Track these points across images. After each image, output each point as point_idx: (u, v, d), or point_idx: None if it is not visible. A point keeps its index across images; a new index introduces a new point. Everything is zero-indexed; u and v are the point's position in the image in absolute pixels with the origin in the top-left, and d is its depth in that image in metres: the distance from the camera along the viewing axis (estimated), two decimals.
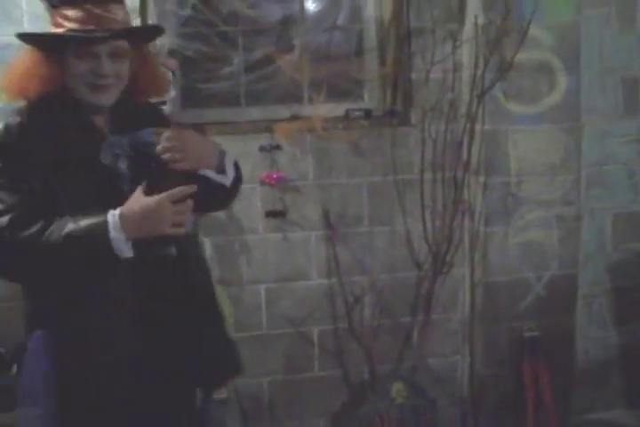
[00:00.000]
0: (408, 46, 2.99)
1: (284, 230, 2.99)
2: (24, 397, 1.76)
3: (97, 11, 1.66)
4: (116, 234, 1.57)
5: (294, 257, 3.02)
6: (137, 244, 1.61)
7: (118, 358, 1.70)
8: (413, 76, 3.00)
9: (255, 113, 3.00)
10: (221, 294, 2.63)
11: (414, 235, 3.05)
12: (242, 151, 2.92)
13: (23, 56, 1.74)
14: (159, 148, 1.67)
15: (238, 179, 1.93)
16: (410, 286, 3.08)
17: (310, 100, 3.00)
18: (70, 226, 1.58)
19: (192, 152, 1.69)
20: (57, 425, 1.71)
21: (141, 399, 1.73)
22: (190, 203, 1.62)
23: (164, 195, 1.59)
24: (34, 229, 1.58)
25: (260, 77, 2.99)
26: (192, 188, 1.61)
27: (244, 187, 2.93)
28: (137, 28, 1.93)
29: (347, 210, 3.03)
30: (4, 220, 1.59)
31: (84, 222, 1.58)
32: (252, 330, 3.02)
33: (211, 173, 1.77)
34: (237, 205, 2.95)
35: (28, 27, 2.80)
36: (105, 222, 1.57)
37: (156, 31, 1.94)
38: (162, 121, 1.90)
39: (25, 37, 1.75)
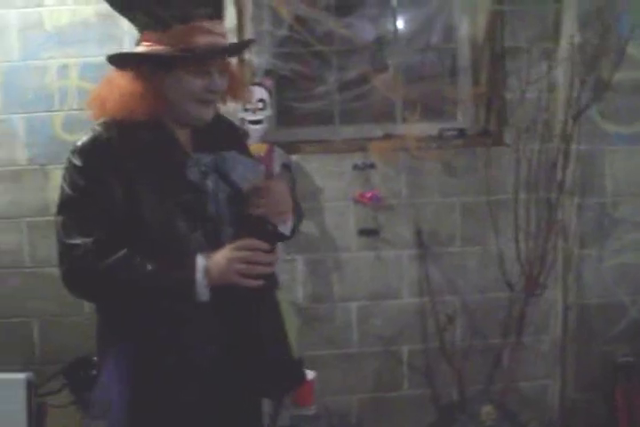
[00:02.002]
0: (502, 66, 2.99)
1: (377, 249, 3.00)
2: (95, 409, 1.74)
3: (208, 27, 1.63)
4: (200, 278, 1.57)
5: (386, 275, 3.02)
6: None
7: (193, 375, 1.68)
8: (507, 95, 2.99)
9: (349, 132, 3.03)
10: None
11: (507, 255, 3.01)
12: (336, 169, 2.97)
13: (121, 76, 1.67)
14: (247, 188, 1.69)
15: (296, 229, 1.87)
16: (501, 307, 3.04)
17: (403, 120, 3.02)
18: (158, 261, 1.58)
19: (274, 204, 1.68)
20: None
21: (212, 416, 1.72)
22: (262, 257, 1.60)
23: (233, 245, 1.60)
24: (118, 255, 1.57)
25: (353, 96, 3.02)
26: (264, 245, 1.60)
27: (339, 204, 2.99)
28: (246, 42, 1.91)
29: (439, 229, 3.02)
30: (89, 241, 1.58)
31: (170, 259, 1.59)
32: (342, 347, 3.03)
33: (284, 230, 1.75)
34: (331, 223, 2.98)
35: (129, 46, 2.89)
36: (193, 264, 1.58)
37: (250, 45, 1.98)
38: (241, 140, 1.93)
39: (140, 56, 1.68)
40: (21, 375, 2.59)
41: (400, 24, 3.07)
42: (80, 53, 2.90)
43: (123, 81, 1.66)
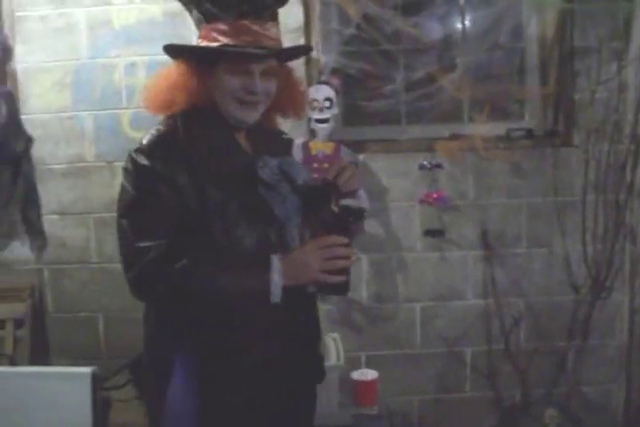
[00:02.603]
0: (571, 65, 2.94)
1: (442, 249, 2.99)
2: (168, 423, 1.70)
3: (254, 27, 1.61)
4: (276, 278, 1.54)
5: (451, 276, 3.00)
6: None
7: (260, 374, 1.67)
8: (576, 95, 2.95)
9: (415, 131, 3.00)
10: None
11: (573, 258, 2.98)
12: (402, 169, 2.95)
13: (172, 69, 1.70)
14: (332, 170, 1.67)
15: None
16: (567, 310, 3.01)
17: (471, 119, 2.99)
18: (229, 263, 1.57)
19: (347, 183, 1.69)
20: None
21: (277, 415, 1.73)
22: (342, 251, 1.58)
23: (312, 243, 1.59)
24: (191, 258, 1.54)
25: (420, 96, 2.98)
26: (342, 239, 1.59)
27: (404, 204, 2.98)
28: (294, 47, 1.86)
29: (505, 230, 2.99)
30: (162, 244, 1.53)
31: (245, 260, 1.57)
32: (405, 348, 3.02)
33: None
34: (396, 223, 2.97)
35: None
36: (268, 264, 1.55)
37: (306, 51, 1.98)
38: (288, 149, 1.89)
39: (181, 49, 1.72)
40: (87, 369, 2.60)
41: (468, 23, 3.03)
42: (147, 52, 2.91)
43: (171, 73, 1.68)
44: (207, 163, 1.61)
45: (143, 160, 1.58)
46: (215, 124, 1.67)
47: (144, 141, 1.61)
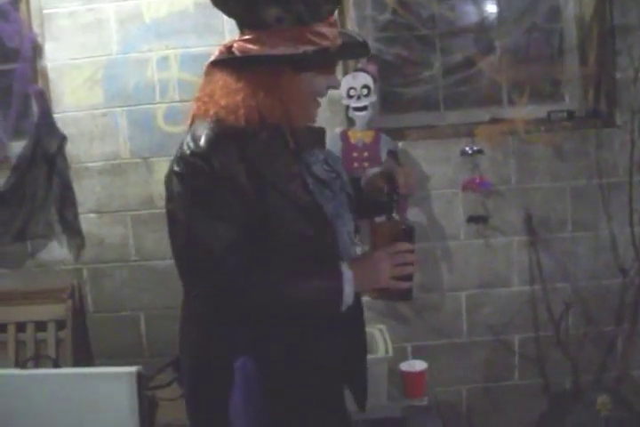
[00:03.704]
0: (612, 44, 2.87)
1: (486, 236, 2.94)
2: None
3: (334, 24, 1.56)
4: (348, 289, 1.52)
5: (496, 263, 2.96)
6: None
7: (327, 376, 1.66)
8: (617, 75, 2.88)
9: (454, 116, 2.96)
10: None
11: (620, 240, 2.93)
12: (442, 155, 2.91)
13: (275, 80, 1.54)
14: (401, 181, 1.66)
15: None
16: (615, 294, 2.96)
17: (510, 103, 2.94)
18: (298, 273, 1.52)
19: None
20: None
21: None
22: (411, 257, 1.58)
23: (381, 251, 1.57)
24: (266, 269, 1.51)
25: (458, 80, 2.94)
26: (407, 246, 1.58)
27: (446, 192, 2.93)
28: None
29: (549, 215, 2.94)
30: (231, 260, 1.48)
31: (318, 273, 1.53)
32: (452, 337, 2.99)
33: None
34: (439, 211, 2.93)
35: (229, 37, 2.83)
36: (341, 277, 1.51)
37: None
38: (323, 139, 1.81)
39: (278, 58, 1.53)
40: (132, 369, 2.57)
41: (504, 4, 2.96)
42: (179, 45, 2.88)
43: (243, 81, 1.53)
44: (263, 163, 1.53)
45: (203, 164, 1.48)
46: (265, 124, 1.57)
47: (201, 143, 1.50)
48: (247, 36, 1.54)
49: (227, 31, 2.85)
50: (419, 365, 2.76)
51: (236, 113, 1.52)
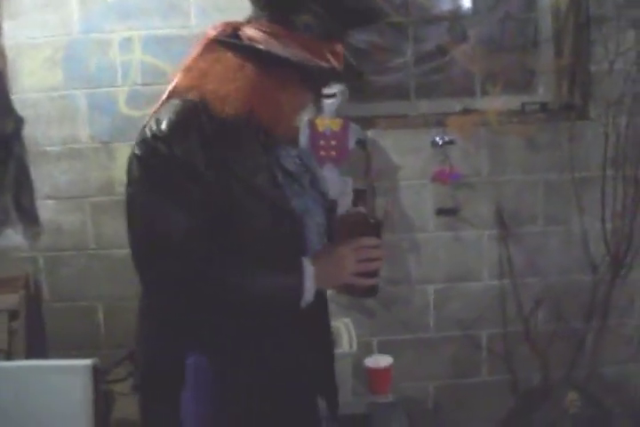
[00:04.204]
0: (587, 35, 2.82)
1: (456, 229, 2.88)
2: None
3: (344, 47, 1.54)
4: (309, 284, 1.45)
5: (465, 257, 2.91)
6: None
7: (292, 384, 1.58)
8: (592, 67, 2.83)
9: (426, 106, 2.89)
10: None
11: (591, 235, 2.88)
12: (412, 146, 2.85)
13: (241, 63, 1.48)
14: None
15: None
16: (585, 290, 2.91)
17: (483, 93, 2.88)
18: (257, 267, 1.46)
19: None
20: None
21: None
22: (377, 253, 1.52)
23: (343, 246, 1.49)
24: (219, 262, 1.44)
25: (431, 69, 2.88)
26: (373, 240, 1.51)
27: (415, 183, 2.86)
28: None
29: (521, 208, 2.89)
30: (188, 247, 1.40)
31: (277, 268, 1.47)
32: (419, 332, 2.93)
33: None
34: (407, 202, 2.86)
35: (196, 20, 2.77)
36: (301, 272, 1.45)
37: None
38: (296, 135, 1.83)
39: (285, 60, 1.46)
40: (87, 362, 2.47)
41: None
42: (143, 26, 2.77)
43: (245, 72, 1.47)
44: (227, 151, 1.46)
45: (164, 148, 1.41)
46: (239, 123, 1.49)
47: (162, 126, 1.42)
48: (264, 28, 1.47)
49: (193, 13, 2.77)
50: (384, 360, 2.68)
51: (224, 101, 1.45)
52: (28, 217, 2.86)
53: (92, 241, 2.88)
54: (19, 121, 2.79)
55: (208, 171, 1.41)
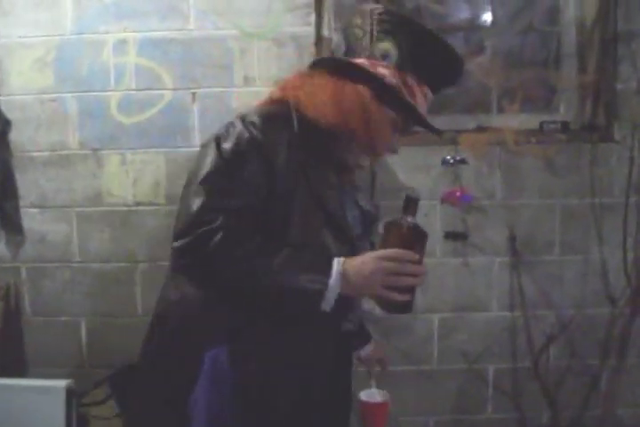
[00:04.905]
0: (614, 52, 2.66)
1: (465, 255, 2.71)
2: None
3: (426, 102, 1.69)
4: (333, 283, 1.44)
5: (474, 285, 2.73)
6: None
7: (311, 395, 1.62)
8: (618, 85, 2.66)
9: (438, 122, 2.64)
10: None
11: (611, 266, 2.69)
12: (422, 164, 2.69)
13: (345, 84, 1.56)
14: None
15: None
16: (602, 325, 2.71)
17: (500, 110, 2.72)
18: (291, 259, 1.45)
19: None
20: None
21: None
22: (414, 268, 1.46)
23: (379, 253, 1.46)
24: (256, 241, 1.45)
25: None
26: (412, 255, 1.47)
27: (423, 204, 2.67)
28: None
29: (536, 235, 2.71)
30: (225, 222, 1.44)
31: (308, 263, 1.47)
32: (421, 364, 2.75)
33: None
34: None
35: (195, 22, 2.64)
36: (329, 270, 1.45)
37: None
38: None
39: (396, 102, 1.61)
40: (61, 382, 2.34)
41: (498, 1, 2.75)
42: (139, 27, 2.64)
43: (352, 92, 1.55)
44: (308, 157, 1.52)
45: (253, 130, 1.49)
46: (331, 144, 1.57)
47: (253, 115, 1.51)
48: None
49: (192, 15, 2.63)
50: (381, 395, 2.49)
51: (317, 105, 1.52)
52: (11, 225, 2.74)
53: (77, 253, 2.73)
54: (5, 124, 2.68)
55: (283, 167, 1.48)
